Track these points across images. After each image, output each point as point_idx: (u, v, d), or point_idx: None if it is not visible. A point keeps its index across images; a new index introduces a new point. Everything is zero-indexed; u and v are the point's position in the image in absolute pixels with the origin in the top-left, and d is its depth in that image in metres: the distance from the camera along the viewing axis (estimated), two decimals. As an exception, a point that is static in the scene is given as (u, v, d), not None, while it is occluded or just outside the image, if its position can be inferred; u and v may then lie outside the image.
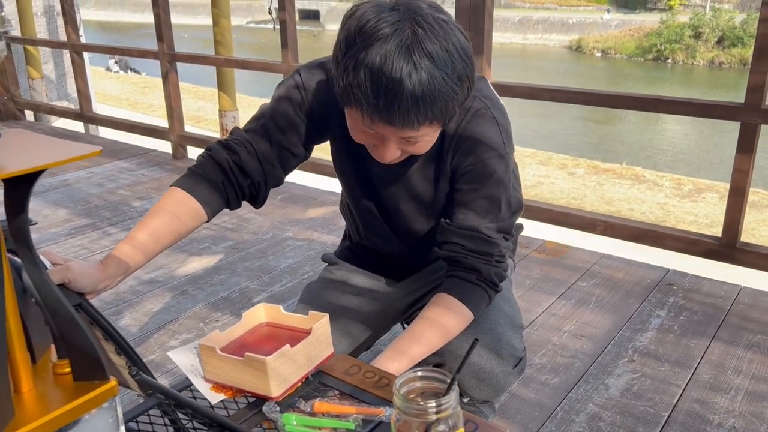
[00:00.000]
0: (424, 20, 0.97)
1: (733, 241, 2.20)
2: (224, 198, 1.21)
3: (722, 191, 7.97)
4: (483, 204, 1.17)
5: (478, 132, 1.15)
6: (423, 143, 1.08)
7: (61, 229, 2.82)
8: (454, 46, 0.98)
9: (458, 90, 0.99)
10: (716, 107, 2.16)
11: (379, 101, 0.97)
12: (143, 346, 1.91)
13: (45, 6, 6.69)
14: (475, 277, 1.18)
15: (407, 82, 0.95)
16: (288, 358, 0.95)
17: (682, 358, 1.82)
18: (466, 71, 1.00)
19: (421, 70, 0.95)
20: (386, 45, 0.95)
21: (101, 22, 39.86)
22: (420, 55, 0.95)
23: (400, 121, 0.99)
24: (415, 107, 0.97)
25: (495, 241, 1.18)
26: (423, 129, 1.02)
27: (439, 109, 0.99)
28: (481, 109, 1.16)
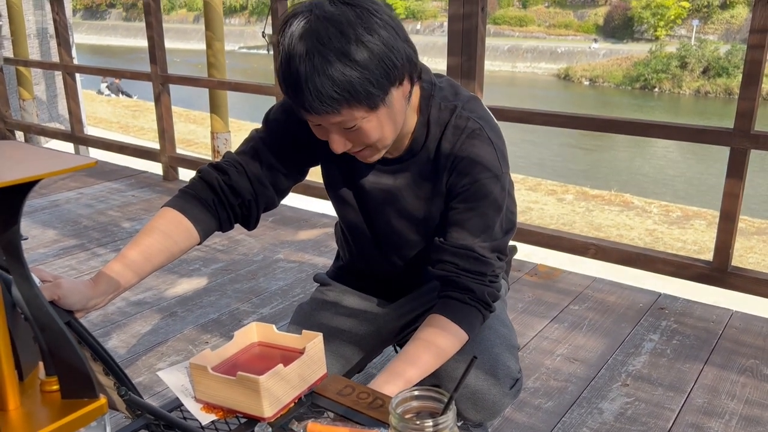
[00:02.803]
0: (323, 11, 0.99)
1: (725, 266, 2.20)
2: (216, 218, 1.20)
3: (710, 218, 8.03)
4: (477, 224, 1.17)
5: (474, 153, 1.15)
6: (365, 130, 1.06)
7: (49, 249, 2.79)
8: (353, 29, 0.98)
9: (358, 71, 0.98)
10: (706, 132, 2.18)
11: (290, 92, 1.02)
12: (131, 369, 1.87)
13: (38, 28, 6.71)
14: (469, 297, 1.17)
15: (302, 71, 0.98)
16: (281, 378, 0.94)
17: (675, 382, 1.81)
18: (371, 50, 0.99)
19: (314, 57, 0.97)
20: (287, 38, 0.99)
21: (94, 46, 40.03)
22: (314, 42, 0.97)
23: (311, 108, 1.01)
24: (316, 94, 0.98)
25: (489, 261, 1.17)
26: (345, 113, 1.02)
27: (343, 93, 0.99)
28: (476, 130, 1.16)
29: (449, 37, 2.55)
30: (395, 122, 1.10)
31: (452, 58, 2.55)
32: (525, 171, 11.01)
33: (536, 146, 15.18)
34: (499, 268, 1.20)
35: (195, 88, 4.13)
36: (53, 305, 0.97)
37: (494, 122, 1.21)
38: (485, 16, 2.49)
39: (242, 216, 1.24)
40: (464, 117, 1.16)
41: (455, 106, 1.17)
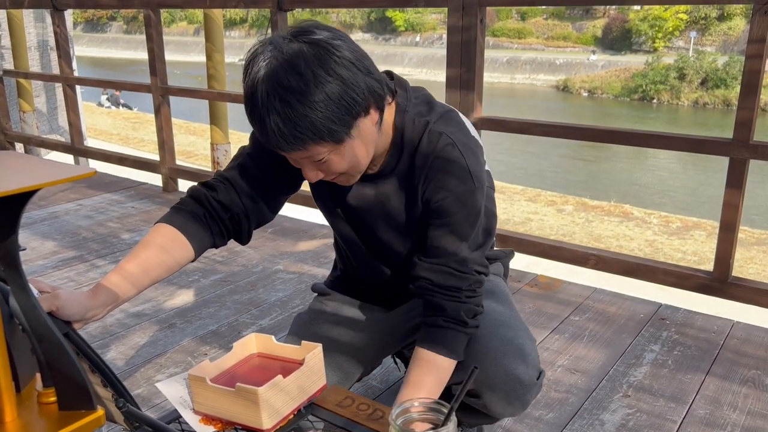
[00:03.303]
0: (281, 53, 1.01)
1: (725, 276, 2.20)
2: (208, 231, 1.21)
3: (710, 229, 8.03)
4: (451, 239, 1.17)
5: (445, 169, 1.16)
6: (335, 161, 1.09)
7: (48, 260, 2.78)
8: (311, 70, 1.00)
9: (318, 111, 1.00)
10: (706, 142, 2.18)
11: (256, 131, 1.05)
12: (129, 381, 1.86)
13: (39, 40, 6.73)
14: (443, 319, 1.18)
15: (265, 114, 1.01)
16: (280, 389, 0.93)
17: (677, 393, 1.80)
18: (329, 90, 1.01)
19: (275, 100, 1.00)
20: (250, 80, 1.02)
21: (94, 59, 40.20)
22: (274, 85, 0.99)
23: (278, 147, 1.05)
24: (280, 134, 1.01)
25: (464, 275, 1.18)
26: (311, 149, 1.05)
27: (305, 132, 1.01)
28: (448, 146, 1.16)
29: (448, 49, 2.56)
30: (366, 150, 1.12)
31: (451, 70, 2.55)
32: (524, 182, 11.02)
33: (535, 157, 15.21)
34: (477, 282, 1.20)
35: (195, 100, 4.15)
36: (51, 316, 0.96)
37: (470, 134, 1.21)
38: (484, 28, 2.50)
39: (234, 230, 1.25)
40: (436, 133, 1.16)
41: (428, 122, 1.18)
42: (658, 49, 30.98)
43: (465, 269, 1.17)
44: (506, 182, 10.43)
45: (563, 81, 31.11)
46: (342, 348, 1.38)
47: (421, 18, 37.87)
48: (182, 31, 45.36)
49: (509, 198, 9.06)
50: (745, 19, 29.64)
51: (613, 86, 29.18)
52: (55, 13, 4.13)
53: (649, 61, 28.82)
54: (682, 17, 31.32)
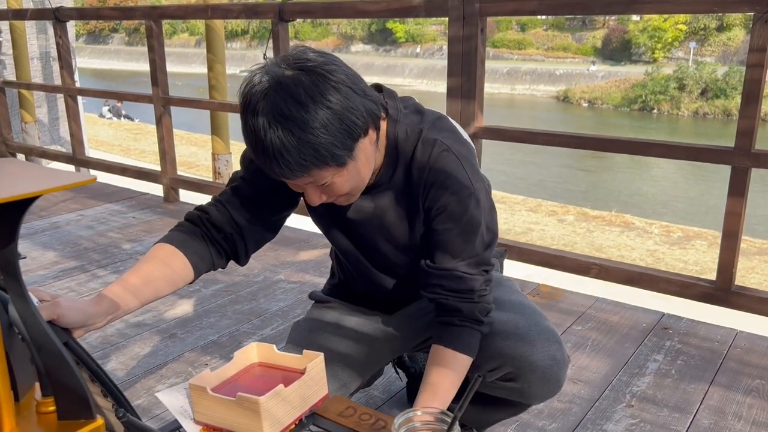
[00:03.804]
0: (279, 83, 1.01)
1: (728, 285, 2.19)
2: (206, 249, 1.22)
3: (711, 239, 8.02)
4: (457, 243, 1.18)
5: (444, 174, 1.16)
6: (338, 183, 1.10)
7: (49, 271, 2.77)
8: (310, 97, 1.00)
9: (321, 137, 1.01)
10: (707, 151, 2.18)
11: (260, 162, 1.06)
12: (130, 391, 1.85)
13: (41, 51, 6.76)
14: (458, 318, 1.20)
15: (268, 144, 1.01)
16: (282, 399, 0.92)
17: (681, 403, 1.78)
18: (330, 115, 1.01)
19: (278, 130, 1.00)
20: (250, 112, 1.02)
21: (96, 70, 40.37)
22: (275, 115, 1.00)
23: (282, 175, 1.05)
24: (285, 164, 1.02)
25: (473, 277, 1.19)
26: (315, 175, 1.06)
27: (310, 159, 1.02)
28: (443, 151, 1.16)
29: (449, 59, 2.56)
30: (366, 169, 1.13)
31: (452, 79, 2.56)
32: (525, 192, 11.02)
33: (536, 167, 15.22)
34: (486, 282, 1.22)
35: (196, 112, 4.16)
36: (51, 325, 0.96)
37: (462, 138, 1.23)
38: (485, 38, 2.51)
39: (231, 250, 1.26)
40: (430, 140, 1.17)
41: (421, 129, 1.18)
42: (658, 60, 31.08)
43: (474, 271, 1.19)
44: (507, 192, 10.43)
45: (563, 91, 31.20)
46: (339, 358, 1.38)
47: (422, 29, 38.04)
48: (184, 42, 45.60)
49: (510, 208, 9.06)
50: (744, 29, 29.74)
51: (613, 96, 29.26)
52: (57, 24, 4.15)
53: (648, 71, 28.91)
54: (681, 28, 31.44)
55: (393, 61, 37.40)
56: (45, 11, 4.71)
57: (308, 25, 41.48)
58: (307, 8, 3.33)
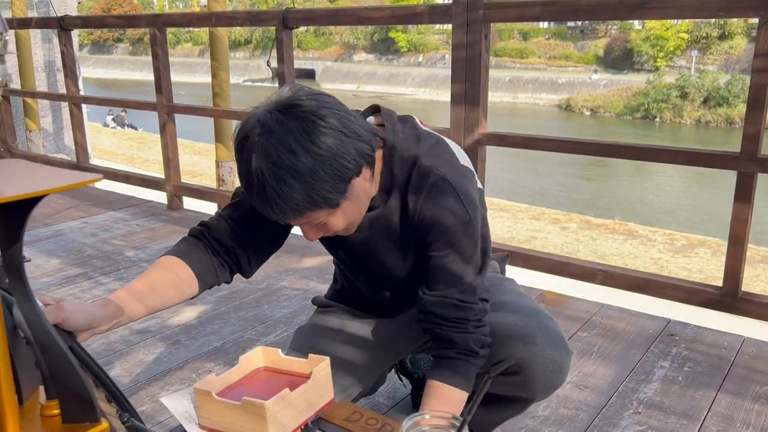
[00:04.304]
0: (271, 126, 1.02)
1: (735, 291, 2.18)
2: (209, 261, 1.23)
3: (715, 246, 7.99)
4: (452, 271, 1.18)
5: (437, 207, 1.16)
6: (333, 222, 1.11)
7: (53, 278, 2.77)
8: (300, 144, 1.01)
9: (312, 183, 1.03)
10: (713, 156, 2.17)
11: (256, 206, 1.08)
12: (134, 398, 1.84)
13: (46, 61, 6.79)
14: (454, 351, 1.19)
15: (261, 192, 1.03)
16: (287, 403, 0.91)
17: (688, 410, 1.77)
18: (321, 162, 1.02)
19: (270, 179, 1.02)
20: (244, 161, 1.04)
21: (100, 80, 40.56)
22: (267, 164, 1.02)
23: (277, 219, 1.07)
24: (278, 209, 1.04)
25: (468, 306, 1.19)
26: (309, 216, 1.07)
27: (303, 204, 1.04)
28: (437, 181, 1.16)
29: (453, 65, 2.56)
30: (361, 204, 1.15)
31: (456, 86, 2.56)
32: (528, 200, 11.00)
33: (539, 175, 15.21)
34: (482, 311, 1.21)
35: (200, 121, 4.16)
36: (56, 328, 0.95)
37: (459, 163, 1.20)
38: (488, 44, 2.51)
39: (234, 263, 1.27)
40: (425, 167, 1.16)
41: (416, 157, 1.18)
42: (660, 68, 31.08)
43: (469, 299, 1.19)
44: (510, 200, 10.41)
45: (566, 100, 31.21)
46: (341, 362, 1.38)
47: (424, 38, 38.15)
48: (187, 52, 45.79)
49: (513, 216, 9.04)
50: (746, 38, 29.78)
51: (615, 105, 29.27)
52: (62, 33, 4.17)
53: (650, 79, 28.92)
54: (683, 36, 31.47)
55: (395, 70, 37.51)
56: (50, 20, 4.73)
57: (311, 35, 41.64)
58: (311, 15, 3.34)
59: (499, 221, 8.70)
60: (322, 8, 3.38)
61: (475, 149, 2.54)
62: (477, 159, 2.56)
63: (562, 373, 1.29)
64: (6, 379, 0.67)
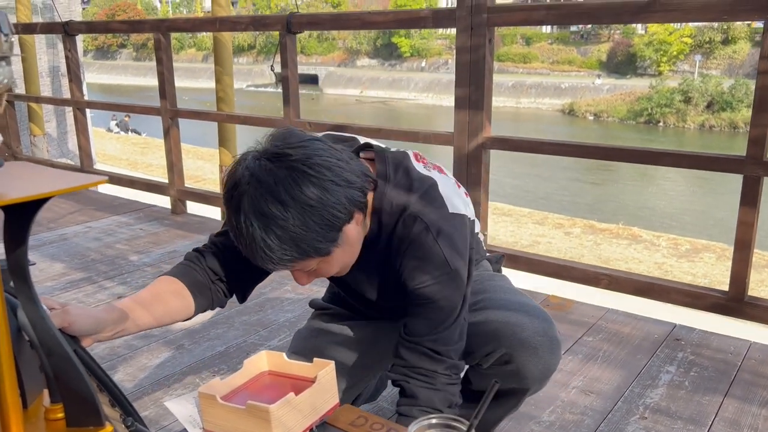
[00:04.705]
0: (259, 176, 1.02)
1: (741, 295, 2.16)
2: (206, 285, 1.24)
3: (719, 251, 7.96)
4: (428, 321, 1.18)
5: (419, 256, 1.16)
6: (324, 269, 1.13)
7: (57, 282, 2.77)
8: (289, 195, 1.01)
9: (301, 234, 1.02)
10: (719, 160, 2.16)
11: (243, 252, 1.08)
12: (138, 403, 1.83)
13: (50, 66, 6.81)
14: (416, 409, 1.17)
15: (250, 243, 1.03)
16: (292, 407, 0.91)
17: (695, 415, 1.76)
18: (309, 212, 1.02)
19: (259, 230, 1.02)
20: (233, 211, 1.04)
21: (104, 85, 40.68)
22: (256, 215, 1.02)
23: (263, 266, 1.07)
24: (268, 259, 1.04)
25: (439, 358, 1.17)
26: (300, 265, 1.08)
27: (292, 254, 1.03)
28: (421, 234, 1.15)
29: (457, 69, 2.56)
30: (353, 250, 1.15)
31: (460, 90, 2.55)
32: (531, 205, 10.99)
33: (542, 180, 15.18)
34: (454, 367, 1.19)
35: (203, 126, 4.17)
36: (60, 332, 0.95)
37: (449, 213, 1.17)
38: (492, 48, 2.51)
39: (228, 290, 1.28)
40: (411, 218, 1.16)
41: (404, 208, 1.17)
42: (663, 73, 31.04)
43: (441, 350, 1.17)
44: (513, 205, 10.40)
45: (569, 105, 31.19)
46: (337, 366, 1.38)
47: (427, 44, 38.20)
48: (191, 57, 45.93)
49: (516, 221, 9.03)
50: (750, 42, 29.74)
51: (618, 109, 29.24)
52: (66, 38, 4.18)
53: (653, 84, 28.89)
54: (686, 41, 31.44)
55: (398, 75, 37.55)
56: (54, 25, 4.75)
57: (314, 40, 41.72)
58: (315, 20, 3.34)
59: (502, 226, 8.68)
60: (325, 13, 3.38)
61: (479, 153, 2.54)
62: (481, 163, 2.55)
63: (554, 356, 1.27)
64: (10, 382, 0.67)
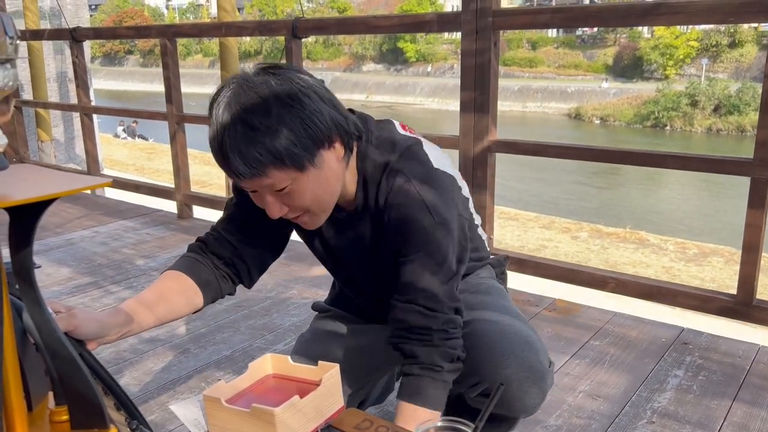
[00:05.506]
0: (246, 81, 1.02)
1: (749, 299, 2.15)
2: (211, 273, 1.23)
3: (727, 255, 7.91)
4: (417, 276, 1.15)
5: (403, 207, 1.14)
6: (297, 192, 1.07)
7: (63, 287, 2.78)
8: (274, 96, 1.01)
9: (280, 134, 1.00)
10: (726, 162, 2.15)
11: (219, 159, 1.05)
12: (143, 406, 1.83)
13: (58, 72, 6.86)
14: (417, 367, 1.16)
15: (227, 139, 1.01)
16: (297, 410, 0.90)
17: (703, 420, 1.74)
18: (291, 114, 1.01)
19: (237, 125, 1.00)
20: (215, 109, 1.03)
21: (111, 91, 40.92)
22: (237, 110, 1.00)
23: (240, 173, 1.03)
24: (242, 158, 1.01)
25: (434, 314, 1.15)
26: (273, 176, 1.03)
27: (266, 155, 1.00)
28: (405, 184, 1.14)
29: (462, 73, 2.56)
30: (330, 185, 1.11)
31: (465, 93, 2.55)
32: (538, 209, 10.96)
33: (548, 185, 15.16)
34: (450, 322, 1.17)
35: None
36: (66, 335, 0.95)
37: (433, 168, 1.17)
38: (498, 51, 2.51)
39: (234, 274, 1.27)
40: (393, 172, 1.15)
41: (387, 163, 1.16)
42: (670, 77, 30.99)
43: (435, 306, 1.15)
44: (519, 209, 10.38)
45: (575, 109, 31.17)
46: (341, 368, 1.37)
47: (432, 48, 38.27)
48: (197, 63, 46.15)
49: (523, 225, 9.01)
50: (756, 45, 29.66)
51: (625, 113, 29.20)
52: (74, 44, 4.21)
53: (660, 88, 28.83)
54: (693, 45, 31.39)
55: (404, 80, 37.61)
56: (62, 31, 4.77)
57: (320, 45, 41.84)
58: (320, 24, 3.35)
59: (509, 230, 8.67)
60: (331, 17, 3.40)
61: (485, 156, 2.54)
62: (487, 166, 2.55)
63: (540, 390, 1.22)
64: (15, 385, 0.67)
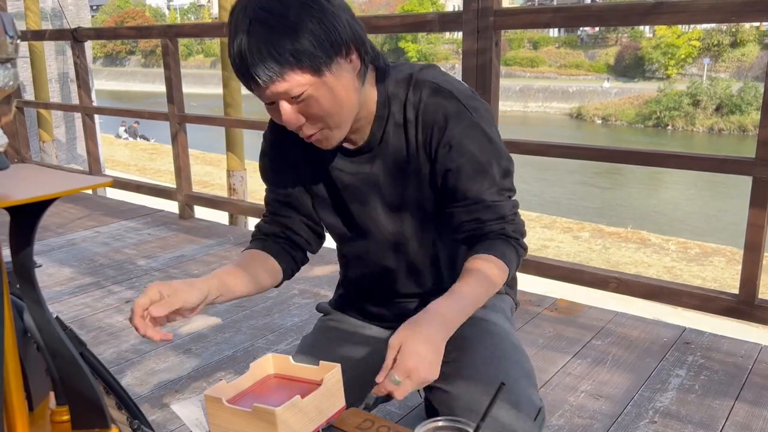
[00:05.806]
0: None
1: (751, 299, 2.14)
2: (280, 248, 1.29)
3: (729, 255, 7.90)
4: (475, 175, 1.15)
5: (441, 107, 1.14)
6: (314, 98, 1.05)
7: (65, 287, 2.78)
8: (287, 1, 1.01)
9: (299, 34, 1.01)
10: (728, 162, 2.15)
11: (236, 64, 1.04)
12: (144, 406, 1.84)
13: (59, 73, 6.86)
14: (493, 234, 1.16)
15: (246, 40, 1.00)
16: (298, 410, 0.90)
17: (706, 420, 1.74)
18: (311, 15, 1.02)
19: (256, 24, 1.00)
20: (234, 14, 1.03)
21: (113, 92, 40.96)
22: (256, 11, 1.01)
23: (257, 75, 1.02)
24: (260, 58, 1.00)
25: (500, 204, 1.17)
26: (290, 79, 1.02)
27: (284, 54, 1.00)
28: (435, 86, 1.15)
29: (464, 73, 2.56)
30: (347, 96, 1.09)
31: (467, 93, 2.55)
32: (540, 209, 10.95)
33: (550, 184, 15.15)
34: (514, 207, 1.19)
35: (211, 132, 4.18)
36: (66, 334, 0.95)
37: (453, 79, 1.20)
38: (499, 51, 2.50)
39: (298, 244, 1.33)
40: (420, 81, 1.16)
41: (410, 75, 1.17)
42: (671, 76, 30.95)
43: (500, 198, 1.16)
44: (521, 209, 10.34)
45: (577, 108, 31.14)
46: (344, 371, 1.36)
47: (434, 48, 38.26)
48: (199, 63, 46.15)
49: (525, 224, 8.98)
50: (758, 45, 29.61)
51: (626, 113, 29.16)
52: (75, 44, 4.21)
53: (662, 87, 28.80)
54: (695, 44, 31.35)
55: (406, 80, 37.55)
56: (63, 32, 4.78)
57: (321, 46, 41.75)
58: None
59: (510, 230, 8.64)
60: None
61: (487, 156, 2.53)
62: (488, 166, 2.54)
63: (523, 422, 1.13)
64: (16, 385, 0.67)
